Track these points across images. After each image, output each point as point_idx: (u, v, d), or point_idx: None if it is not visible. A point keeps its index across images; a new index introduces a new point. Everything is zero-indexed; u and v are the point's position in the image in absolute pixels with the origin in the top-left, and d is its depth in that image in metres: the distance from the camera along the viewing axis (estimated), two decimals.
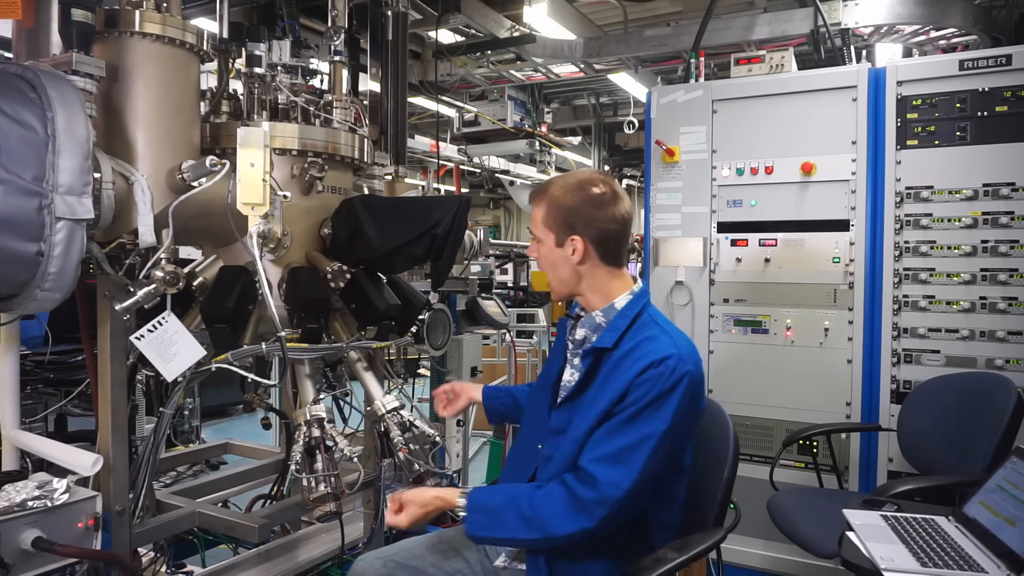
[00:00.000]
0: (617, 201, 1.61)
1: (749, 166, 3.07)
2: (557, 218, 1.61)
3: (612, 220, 1.60)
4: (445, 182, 8.83)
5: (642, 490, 1.47)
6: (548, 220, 1.63)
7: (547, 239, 1.63)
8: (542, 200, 1.64)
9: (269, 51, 2.07)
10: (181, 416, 4.98)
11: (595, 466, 1.46)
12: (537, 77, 5.19)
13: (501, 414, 2.04)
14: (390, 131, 2.78)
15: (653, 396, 1.47)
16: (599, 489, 1.44)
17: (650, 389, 1.47)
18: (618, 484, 1.44)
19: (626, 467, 1.45)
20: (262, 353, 1.94)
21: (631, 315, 1.60)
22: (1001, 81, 2.65)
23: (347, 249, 2.09)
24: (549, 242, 1.63)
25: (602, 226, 1.60)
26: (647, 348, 1.52)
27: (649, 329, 1.57)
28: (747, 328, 3.11)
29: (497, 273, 6.45)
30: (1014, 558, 1.48)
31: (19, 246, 1.46)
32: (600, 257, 1.62)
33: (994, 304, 2.67)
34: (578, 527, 1.44)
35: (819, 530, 2.19)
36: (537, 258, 1.69)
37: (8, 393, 1.88)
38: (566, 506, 1.46)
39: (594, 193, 1.60)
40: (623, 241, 1.64)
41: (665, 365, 1.48)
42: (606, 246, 1.61)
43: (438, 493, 1.59)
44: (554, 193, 1.62)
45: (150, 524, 2.00)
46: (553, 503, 1.47)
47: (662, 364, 1.48)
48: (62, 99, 1.50)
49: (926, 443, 2.53)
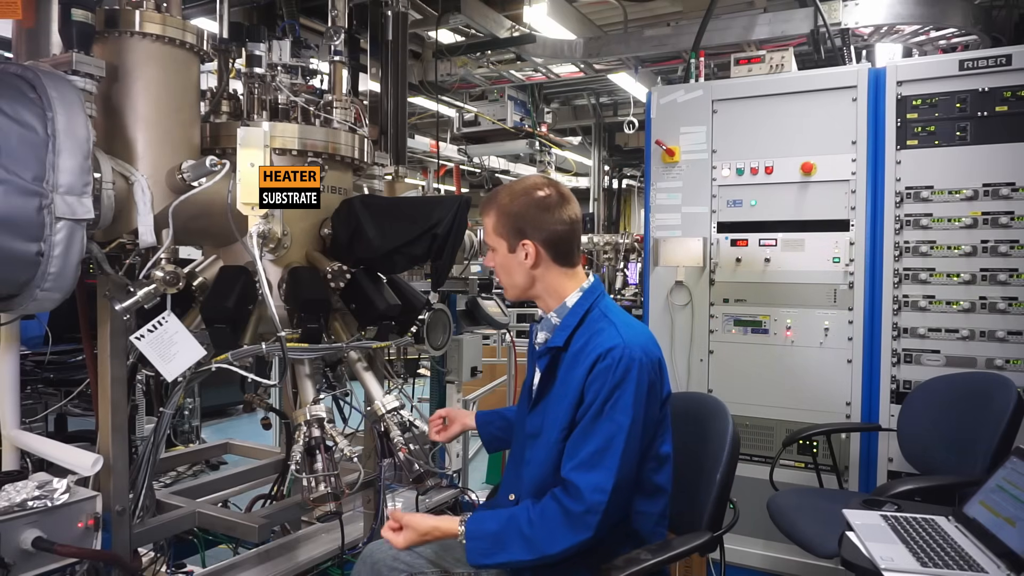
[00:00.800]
0: (564, 203, 1.64)
1: (749, 166, 3.07)
2: (507, 225, 1.64)
3: (560, 221, 1.63)
4: (445, 182, 8.83)
5: (625, 485, 1.50)
6: (499, 228, 1.66)
7: (500, 247, 1.67)
8: (491, 210, 1.68)
9: (269, 51, 2.07)
10: (181, 416, 4.98)
11: (575, 475, 1.49)
12: (537, 77, 5.19)
13: (498, 438, 2.05)
14: (390, 131, 2.78)
15: (607, 391, 1.49)
16: (584, 499, 1.46)
17: (603, 384, 1.50)
18: (602, 488, 1.46)
19: (603, 470, 1.47)
20: (262, 353, 1.94)
21: (581, 312, 1.63)
22: (1001, 81, 2.65)
23: (347, 249, 2.09)
24: (502, 249, 1.67)
25: (551, 228, 1.62)
26: (595, 342, 1.56)
27: (598, 323, 1.60)
28: (747, 328, 3.11)
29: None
30: (1014, 558, 1.48)
31: (19, 246, 1.47)
32: (553, 259, 1.65)
33: (994, 304, 2.67)
34: (577, 540, 1.46)
35: (819, 530, 2.19)
36: (493, 267, 1.72)
37: (8, 393, 1.88)
38: (561, 522, 1.47)
39: (539, 197, 1.63)
40: (574, 241, 1.68)
41: (611, 356, 1.50)
42: (557, 247, 1.65)
43: (437, 524, 1.59)
44: (501, 201, 1.66)
45: (150, 524, 2.00)
46: (549, 521, 1.49)
47: (608, 356, 1.50)
48: (62, 99, 1.51)
49: (926, 443, 2.53)
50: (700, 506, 1.73)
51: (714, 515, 1.71)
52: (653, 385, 1.54)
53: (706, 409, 1.90)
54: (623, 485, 1.49)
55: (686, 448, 1.86)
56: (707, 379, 3.17)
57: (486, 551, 1.51)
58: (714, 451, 1.76)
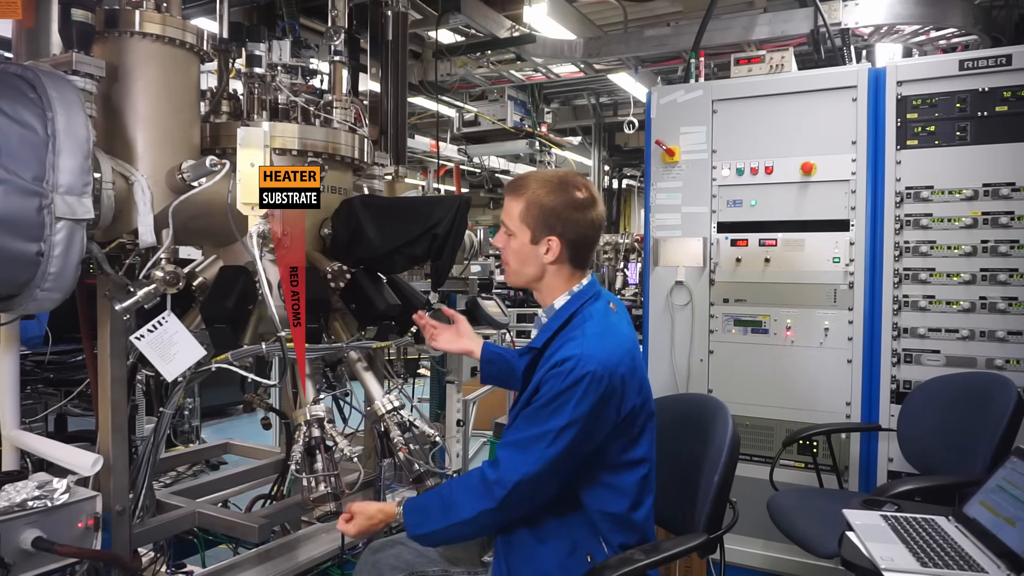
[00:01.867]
0: (595, 206, 1.65)
1: (749, 166, 3.07)
2: (537, 217, 1.61)
3: (590, 225, 1.63)
4: (445, 182, 8.82)
5: (547, 480, 1.52)
6: (527, 216, 1.62)
7: (522, 235, 1.64)
8: (520, 196, 1.63)
9: (269, 51, 2.07)
10: (181, 416, 4.97)
11: (503, 449, 1.56)
12: (537, 77, 5.20)
13: (496, 378, 2.04)
14: (390, 131, 2.78)
15: (553, 393, 1.51)
16: (499, 471, 1.52)
17: (552, 387, 1.52)
18: (516, 469, 1.51)
19: (526, 455, 1.51)
20: (262, 353, 1.94)
21: (565, 315, 1.63)
22: (1001, 81, 2.65)
23: (347, 249, 2.09)
24: (524, 238, 1.63)
25: (580, 230, 1.62)
26: (560, 347, 1.57)
27: (574, 330, 1.60)
28: (747, 328, 3.11)
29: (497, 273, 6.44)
30: (1014, 558, 1.48)
31: (19, 246, 1.47)
32: (569, 259, 1.65)
33: (994, 304, 2.67)
34: (480, 508, 1.52)
35: (819, 530, 2.19)
36: (503, 248, 1.68)
37: (8, 393, 1.88)
38: (475, 487, 1.55)
39: (577, 198, 1.61)
40: (594, 245, 1.69)
41: (565, 366, 1.51)
42: (579, 249, 1.64)
43: (381, 507, 1.67)
44: (535, 191, 1.62)
45: (150, 524, 2.00)
46: (465, 486, 1.57)
47: (563, 364, 1.52)
48: (62, 99, 1.51)
49: (926, 443, 2.53)
50: (699, 507, 1.73)
51: (712, 516, 1.70)
52: (608, 398, 1.52)
53: (706, 409, 1.89)
54: (545, 479, 1.52)
55: (685, 448, 1.86)
56: (707, 379, 3.17)
57: (416, 523, 1.60)
58: (714, 452, 1.76)
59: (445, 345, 2.02)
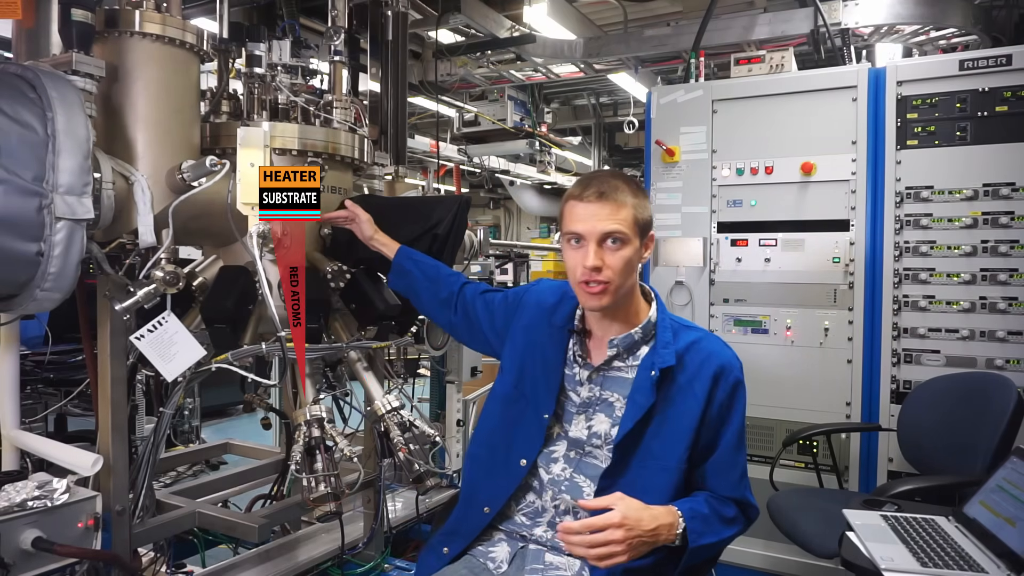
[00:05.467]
0: None
1: (749, 166, 3.07)
2: (644, 217, 1.47)
3: None
4: (445, 182, 8.83)
5: None
6: (640, 218, 1.45)
7: (634, 241, 1.45)
8: (628, 196, 1.44)
9: (269, 51, 2.07)
10: (181, 416, 4.97)
11: (749, 494, 1.52)
12: (537, 77, 5.19)
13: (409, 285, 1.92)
14: (390, 131, 2.78)
15: (741, 410, 1.51)
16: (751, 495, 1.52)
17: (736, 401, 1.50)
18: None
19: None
20: (262, 353, 1.94)
21: (666, 323, 1.54)
22: (1001, 81, 2.65)
23: (347, 249, 2.09)
24: (636, 244, 1.45)
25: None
26: (701, 355, 1.50)
27: (681, 331, 1.53)
28: (747, 328, 3.11)
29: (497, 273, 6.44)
30: (1014, 558, 1.48)
31: (19, 246, 1.47)
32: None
33: (994, 304, 2.67)
34: (740, 526, 1.51)
35: (819, 530, 2.19)
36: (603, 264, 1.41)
37: (8, 393, 1.88)
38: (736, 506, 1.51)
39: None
40: None
41: (732, 370, 1.49)
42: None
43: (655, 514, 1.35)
44: (634, 189, 1.47)
45: (150, 524, 2.00)
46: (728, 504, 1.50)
47: (730, 371, 1.49)
48: (62, 99, 1.51)
49: (926, 443, 2.53)
50: None
51: None
52: None
53: None
54: None
55: None
56: None
57: (699, 532, 1.40)
58: None
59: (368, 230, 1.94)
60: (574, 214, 1.44)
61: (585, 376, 1.55)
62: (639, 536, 1.29)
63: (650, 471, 1.46)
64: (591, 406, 1.54)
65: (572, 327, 1.58)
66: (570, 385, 1.57)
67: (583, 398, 1.55)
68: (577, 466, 1.53)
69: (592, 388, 1.54)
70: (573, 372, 1.57)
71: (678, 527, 1.36)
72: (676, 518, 1.37)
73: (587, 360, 1.56)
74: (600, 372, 1.55)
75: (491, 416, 1.66)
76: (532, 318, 1.66)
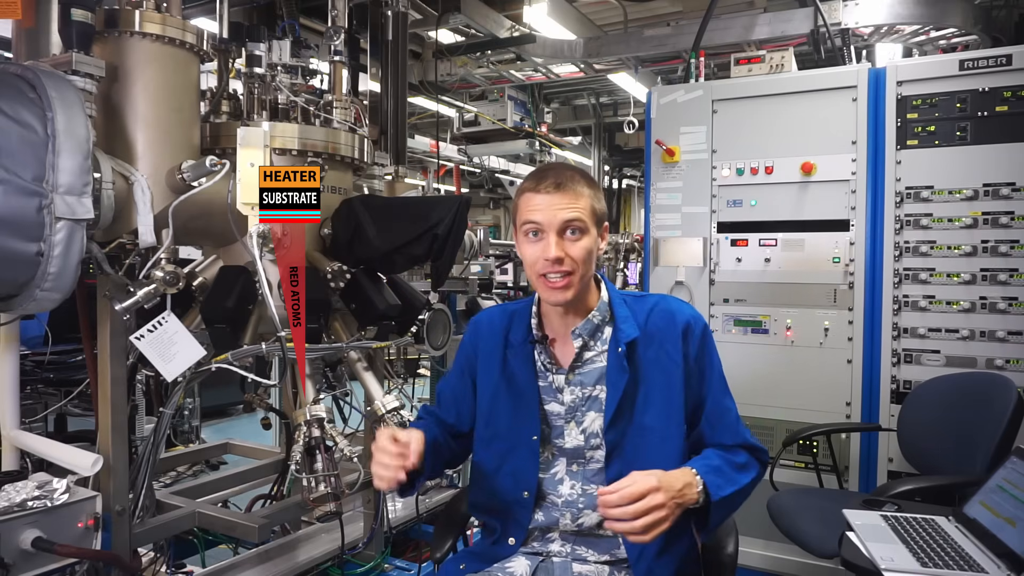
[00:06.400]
0: None
1: (749, 166, 3.07)
2: (600, 206, 1.44)
3: None
4: (445, 182, 8.83)
5: None
6: (596, 208, 1.43)
7: (593, 230, 1.42)
8: (586, 188, 1.41)
9: (269, 51, 2.07)
10: (181, 416, 4.97)
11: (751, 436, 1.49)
12: (537, 77, 5.19)
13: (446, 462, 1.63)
14: (390, 131, 2.78)
15: (716, 353, 1.49)
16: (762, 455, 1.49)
17: (710, 347, 1.48)
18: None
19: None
20: (262, 353, 1.94)
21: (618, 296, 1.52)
22: (1001, 81, 2.65)
23: (347, 249, 2.09)
24: (595, 233, 1.42)
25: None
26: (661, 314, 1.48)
27: (633, 300, 1.52)
28: (747, 328, 3.11)
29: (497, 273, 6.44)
30: (1014, 558, 1.48)
31: (19, 246, 1.47)
32: None
33: (994, 304, 2.67)
34: (757, 471, 1.47)
35: (819, 530, 2.19)
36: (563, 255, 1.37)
37: (8, 393, 1.89)
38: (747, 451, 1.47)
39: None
40: None
41: (697, 320, 1.48)
42: None
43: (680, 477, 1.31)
44: (589, 179, 1.45)
45: (150, 524, 2.00)
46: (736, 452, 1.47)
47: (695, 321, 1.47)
48: (62, 99, 1.51)
49: (926, 443, 2.53)
50: None
51: None
52: None
53: None
54: None
55: None
56: None
57: (718, 485, 1.35)
58: None
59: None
60: (531, 204, 1.39)
61: (562, 381, 1.49)
62: (674, 497, 1.25)
63: (651, 445, 1.43)
64: (577, 408, 1.49)
65: (532, 338, 1.52)
66: (549, 396, 1.51)
67: (567, 403, 1.49)
68: (584, 477, 1.49)
69: (573, 390, 1.49)
70: (548, 382, 1.51)
71: (697, 484, 1.32)
72: (693, 476, 1.33)
73: (558, 365, 1.51)
74: (575, 371, 1.49)
75: (481, 463, 1.56)
76: (489, 345, 1.58)
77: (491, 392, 1.56)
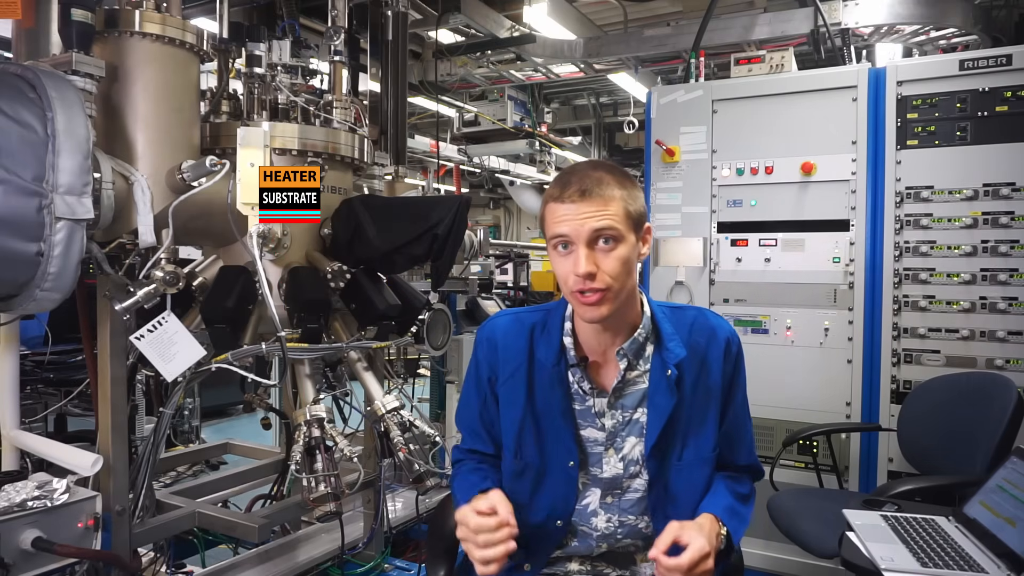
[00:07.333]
0: None
1: (749, 166, 3.07)
2: (631, 213, 1.26)
3: None
4: (445, 182, 8.83)
5: None
6: (632, 211, 1.26)
7: (629, 237, 1.26)
8: (614, 189, 1.24)
9: (269, 51, 2.07)
10: (181, 416, 4.97)
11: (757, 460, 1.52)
12: (537, 77, 5.19)
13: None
14: (390, 131, 2.78)
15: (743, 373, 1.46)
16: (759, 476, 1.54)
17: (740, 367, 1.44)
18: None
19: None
20: (262, 353, 1.94)
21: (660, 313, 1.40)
22: (1001, 81, 2.65)
23: (347, 249, 2.09)
24: (632, 240, 1.26)
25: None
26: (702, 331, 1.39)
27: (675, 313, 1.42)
28: (747, 328, 3.11)
29: (497, 273, 6.44)
30: (1014, 558, 1.48)
31: (19, 246, 1.47)
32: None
33: (994, 304, 2.67)
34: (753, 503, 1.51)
35: (819, 530, 2.19)
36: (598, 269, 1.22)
37: (8, 393, 1.89)
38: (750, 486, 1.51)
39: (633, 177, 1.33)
40: None
41: (734, 337, 1.42)
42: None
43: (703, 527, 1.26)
44: (621, 179, 1.27)
45: (150, 524, 2.00)
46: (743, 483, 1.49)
47: (734, 338, 1.42)
48: (62, 99, 1.51)
49: (926, 443, 2.53)
50: None
51: None
52: None
53: None
54: None
55: None
56: None
57: (738, 529, 1.37)
58: None
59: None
60: (557, 215, 1.25)
61: (604, 405, 1.37)
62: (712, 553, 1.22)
63: (690, 472, 1.37)
64: (617, 434, 1.38)
65: (569, 360, 1.37)
66: (587, 421, 1.38)
67: (608, 429, 1.37)
68: (620, 509, 1.40)
69: (614, 415, 1.37)
70: (587, 406, 1.38)
71: (722, 531, 1.30)
72: (720, 526, 1.30)
73: (599, 388, 1.38)
74: (618, 394, 1.37)
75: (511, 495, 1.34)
76: (511, 366, 1.41)
77: (518, 421, 1.40)
